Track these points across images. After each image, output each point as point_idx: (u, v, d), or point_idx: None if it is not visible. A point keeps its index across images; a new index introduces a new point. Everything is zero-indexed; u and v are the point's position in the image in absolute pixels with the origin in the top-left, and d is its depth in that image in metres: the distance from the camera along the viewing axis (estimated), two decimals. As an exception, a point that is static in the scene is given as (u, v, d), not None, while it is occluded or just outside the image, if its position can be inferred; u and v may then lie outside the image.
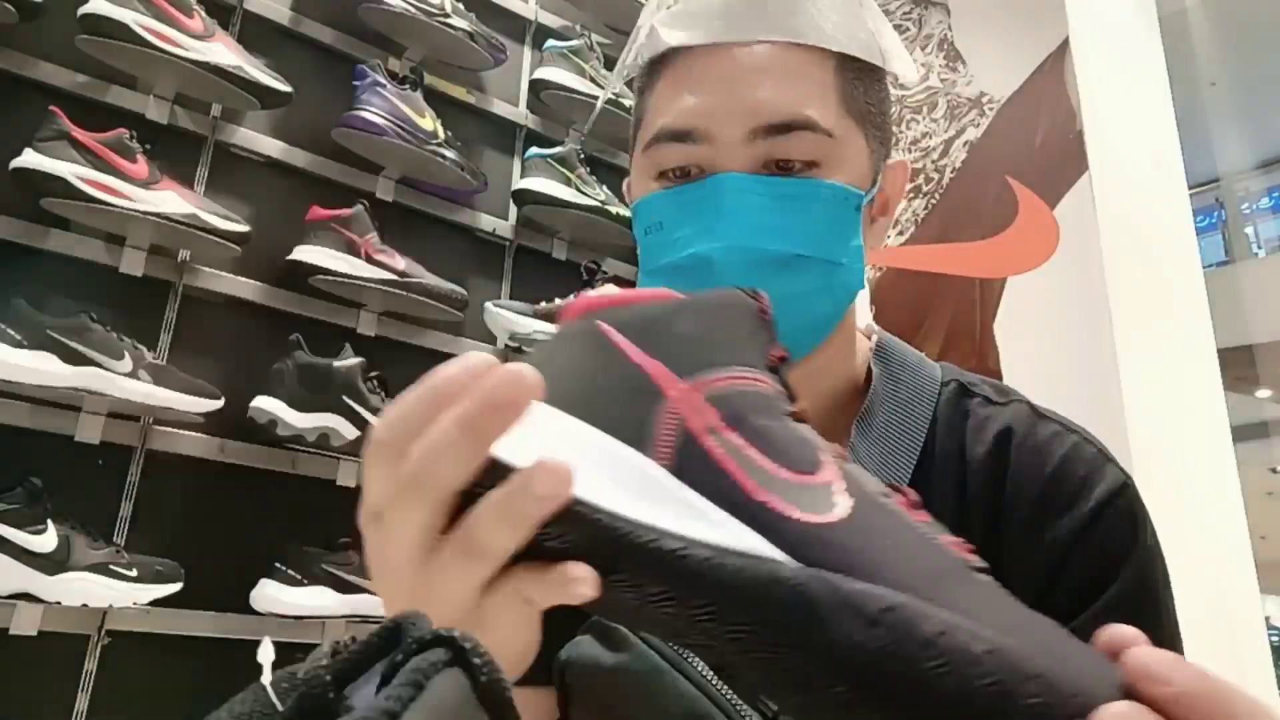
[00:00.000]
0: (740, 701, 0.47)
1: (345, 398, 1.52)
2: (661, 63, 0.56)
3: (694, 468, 0.28)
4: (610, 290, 0.35)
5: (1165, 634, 0.51)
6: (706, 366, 0.31)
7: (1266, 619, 1.60)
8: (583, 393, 0.30)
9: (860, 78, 0.55)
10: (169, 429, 1.48)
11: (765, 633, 0.26)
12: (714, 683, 0.47)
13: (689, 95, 0.53)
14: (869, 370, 0.60)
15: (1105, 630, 0.26)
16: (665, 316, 0.33)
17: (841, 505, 0.28)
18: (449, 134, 1.78)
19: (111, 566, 1.30)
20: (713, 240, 0.51)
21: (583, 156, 1.94)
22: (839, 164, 0.53)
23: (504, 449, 0.28)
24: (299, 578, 1.45)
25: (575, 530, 0.27)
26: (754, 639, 0.26)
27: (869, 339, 0.62)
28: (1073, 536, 0.51)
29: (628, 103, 2.06)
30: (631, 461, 0.29)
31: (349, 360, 1.55)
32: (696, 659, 0.48)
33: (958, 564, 0.27)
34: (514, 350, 1.85)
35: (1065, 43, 1.84)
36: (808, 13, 0.54)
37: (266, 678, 0.22)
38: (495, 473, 0.28)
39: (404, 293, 1.64)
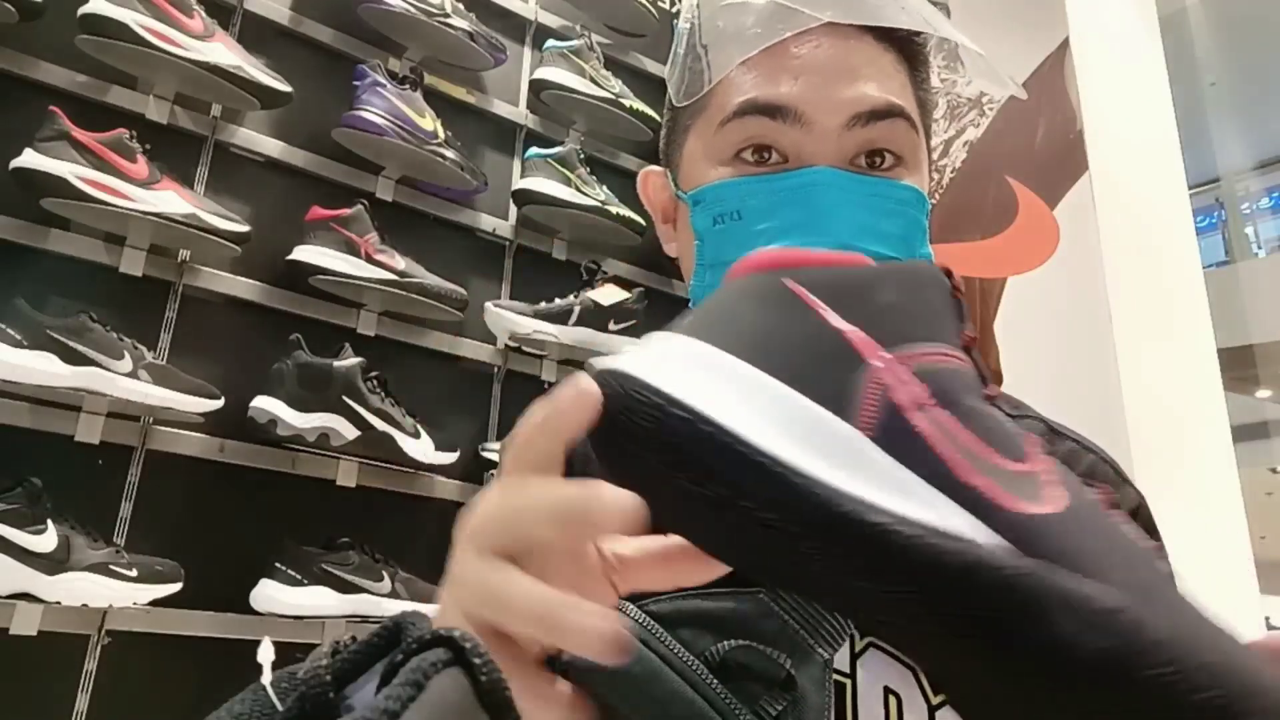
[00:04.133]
0: (739, 705, 0.47)
1: (345, 398, 1.52)
2: (737, 44, 0.54)
3: (900, 442, 0.27)
4: (794, 249, 0.33)
5: None
6: (910, 339, 0.29)
7: (1266, 619, 1.60)
8: (774, 351, 0.29)
9: (926, 91, 0.56)
10: (169, 429, 1.48)
11: (975, 622, 0.24)
12: (713, 686, 0.47)
13: (782, 78, 0.51)
14: None
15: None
16: (862, 282, 0.31)
17: (1054, 497, 0.26)
18: (449, 134, 1.78)
19: (111, 566, 1.30)
20: (812, 237, 0.49)
21: (583, 156, 1.94)
22: (916, 166, 0.53)
23: (697, 398, 0.27)
24: (299, 578, 1.45)
25: (769, 491, 0.26)
26: (962, 628, 0.25)
27: None
28: None
29: (628, 103, 2.04)
30: (833, 427, 0.27)
31: (349, 360, 1.55)
32: (697, 662, 0.48)
33: (1165, 573, 0.27)
34: (514, 350, 1.85)
35: (1065, 43, 1.84)
36: (919, 6, 0.53)
37: (266, 678, 0.22)
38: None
39: (404, 293, 1.64)
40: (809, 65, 0.51)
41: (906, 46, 0.54)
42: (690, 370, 0.28)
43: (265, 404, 1.48)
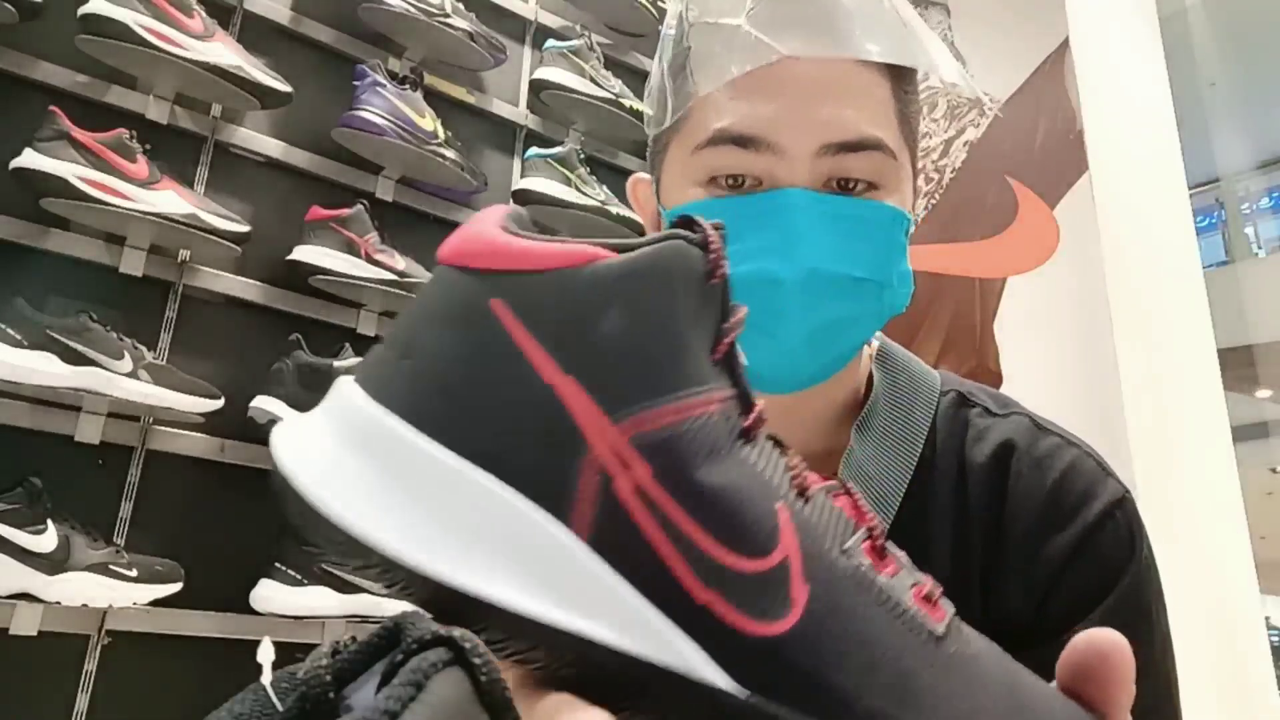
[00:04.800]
0: None
1: (345, 398, 1.52)
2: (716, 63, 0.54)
3: (619, 544, 0.22)
4: (507, 222, 0.25)
5: (1156, 648, 0.51)
6: (643, 397, 0.23)
7: (1266, 619, 1.60)
8: (477, 419, 0.23)
9: (911, 101, 0.55)
10: (169, 429, 1.48)
11: None
12: None
13: (754, 100, 0.51)
14: (869, 375, 0.60)
15: (1086, 635, 0.25)
16: (590, 303, 0.24)
17: (798, 602, 0.23)
18: (449, 134, 1.78)
19: (111, 566, 1.30)
20: (783, 259, 0.49)
21: (583, 157, 1.94)
22: (895, 186, 0.52)
23: (350, 504, 0.22)
24: (299, 578, 1.45)
25: (488, 629, 0.22)
26: None
27: (870, 345, 0.62)
28: (1071, 549, 0.51)
29: (628, 103, 2.04)
30: (544, 536, 0.22)
31: (349, 360, 1.55)
32: None
33: (929, 650, 0.24)
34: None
35: (1065, 43, 1.84)
36: (895, 30, 0.53)
37: (266, 678, 0.22)
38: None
39: (404, 293, 1.64)
40: (784, 89, 0.51)
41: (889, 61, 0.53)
42: (350, 456, 0.23)
43: (265, 404, 1.48)
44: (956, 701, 0.24)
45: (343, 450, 0.23)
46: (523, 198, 1.89)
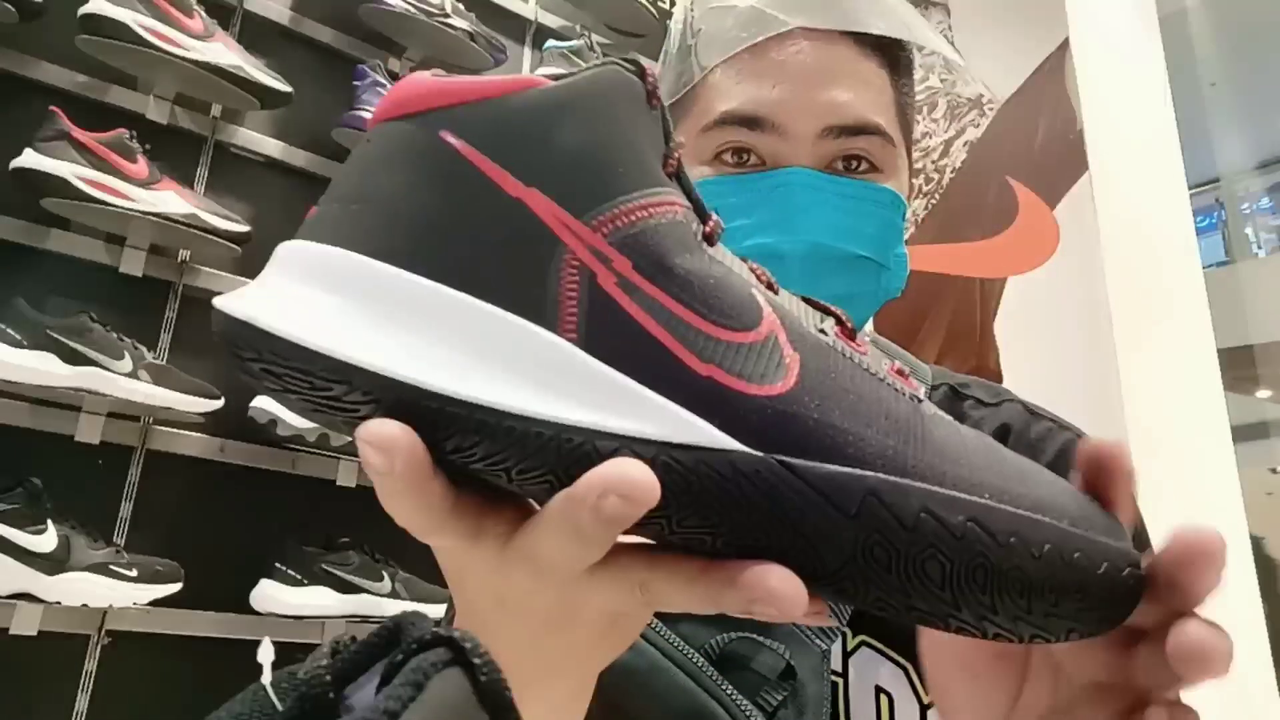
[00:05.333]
0: (740, 697, 0.47)
1: (345, 398, 1.52)
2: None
3: (611, 338, 0.23)
4: (441, 76, 0.25)
5: None
6: (607, 196, 0.24)
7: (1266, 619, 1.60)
8: (444, 242, 0.23)
9: (907, 92, 0.57)
10: (169, 429, 1.48)
11: (734, 538, 0.23)
12: (714, 678, 0.48)
13: (762, 84, 0.52)
14: None
15: (1093, 441, 0.27)
16: (539, 123, 0.24)
17: (792, 365, 0.24)
18: (449, 134, 1.78)
19: (111, 566, 1.30)
20: (785, 234, 0.51)
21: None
22: (894, 172, 0.54)
23: (323, 333, 0.21)
24: (299, 578, 1.45)
25: (486, 442, 0.22)
26: (721, 545, 0.23)
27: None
28: None
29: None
30: (533, 343, 0.22)
31: (349, 360, 1.55)
32: (698, 655, 0.48)
33: (912, 407, 0.25)
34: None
35: (1065, 43, 1.84)
36: (900, 12, 0.55)
37: (266, 678, 0.22)
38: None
39: (404, 293, 1.64)
40: (788, 72, 0.52)
41: (889, 52, 0.55)
42: (316, 293, 0.22)
43: (265, 404, 1.48)
44: (955, 444, 0.25)
45: (307, 289, 0.23)
46: (523, 198, 1.89)
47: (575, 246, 0.23)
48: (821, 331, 0.25)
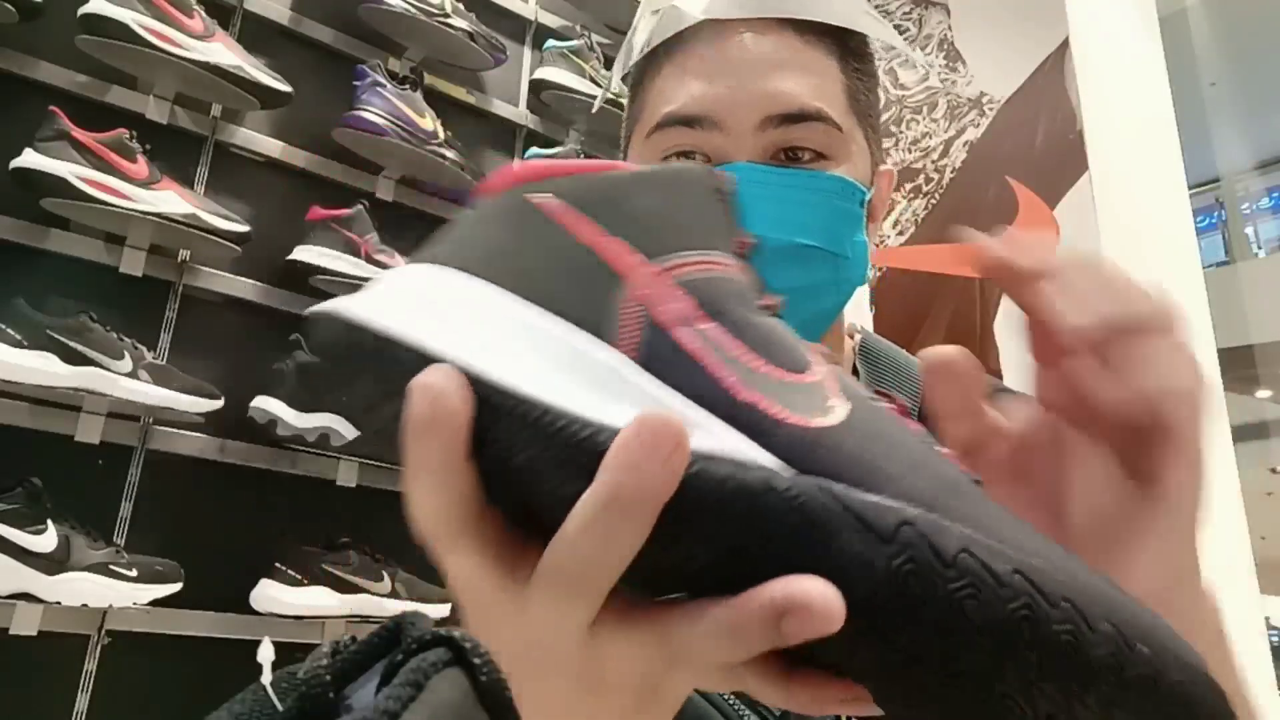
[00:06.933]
0: (740, 703, 0.47)
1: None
2: (664, 50, 0.55)
3: (665, 362, 0.24)
4: (539, 160, 0.30)
5: None
6: (673, 249, 0.26)
7: (1266, 619, 1.60)
8: (520, 273, 0.25)
9: (862, 77, 0.56)
10: (169, 429, 1.48)
11: (759, 552, 0.22)
12: None
13: (699, 81, 0.52)
14: (854, 369, 0.60)
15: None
16: (617, 190, 0.27)
17: (838, 408, 0.24)
18: (449, 134, 1.78)
19: (111, 566, 1.30)
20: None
21: (583, 157, 1.94)
22: (845, 159, 0.53)
23: (414, 329, 0.23)
24: (299, 578, 1.45)
25: (533, 442, 0.22)
26: (745, 560, 0.22)
27: (852, 338, 0.62)
28: None
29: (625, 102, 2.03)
30: (587, 350, 0.24)
31: (349, 360, 1.55)
32: None
33: (963, 478, 0.24)
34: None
35: (1065, 43, 1.84)
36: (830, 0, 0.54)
37: (266, 678, 0.22)
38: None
39: (404, 293, 1.64)
40: (727, 68, 0.52)
41: (835, 37, 0.54)
42: (413, 300, 0.25)
43: (265, 404, 1.48)
44: (1012, 520, 0.23)
45: (393, 288, 0.26)
46: (523, 198, 1.89)
47: (641, 281, 0.25)
48: (870, 396, 0.26)
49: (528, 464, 0.23)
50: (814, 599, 0.21)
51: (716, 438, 0.23)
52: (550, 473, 0.23)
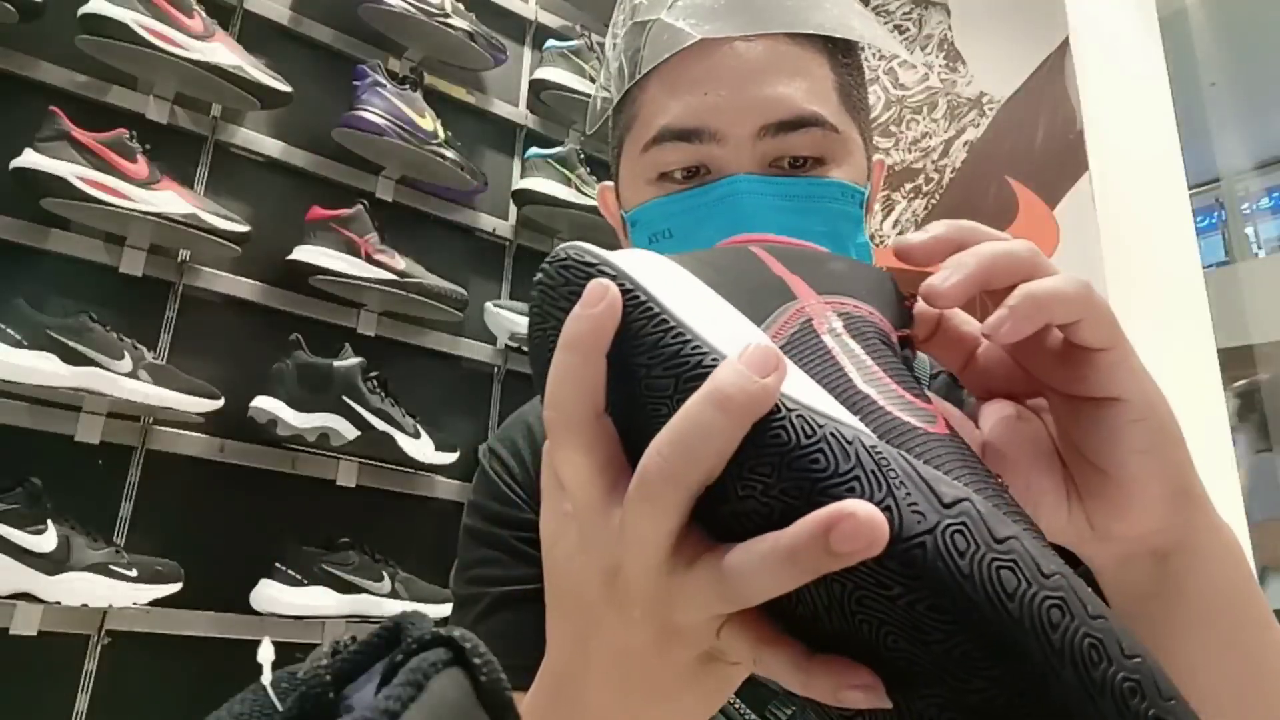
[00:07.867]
0: (748, 710, 0.47)
1: (345, 398, 1.52)
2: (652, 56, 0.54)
3: (802, 349, 0.29)
4: (768, 234, 0.37)
5: None
6: (846, 292, 0.32)
7: (1266, 619, 1.60)
8: (723, 280, 0.31)
9: (851, 71, 0.55)
10: (169, 429, 1.48)
11: (830, 497, 0.24)
12: None
13: (692, 93, 0.52)
14: None
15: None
16: (816, 255, 0.35)
17: (944, 426, 0.28)
18: (449, 134, 1.78)
19: (111, 566, 1.30)
20: None
21: (582, 156, 1.94)
22: (843, 160, 0.53)
23: (638, 275, 0.28)
24: (299, 578, 1.45)
25: (657, 351, 0.27)
26: (814, 504, 0.24)
27: None
28: None
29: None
30: (744, 324, 0.29)
31: (349, 360, 1.55)
32: None
33: (1026, 516, 0.27)
34: (514, 350, 1.85)
35: (1065, 43, 1.84)
36: (820, 5, 0.53)
37: (266, 678, 0.22)
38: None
39: (404, 293, 1.64)
40: (720, 78, 0.51)
41: (822, 35, 0.54)
42: (639, 263, 0.30)
43: (265, 404, 1.48)
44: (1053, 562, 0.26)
45: (646, 267, 0.30)
46: (523, 198, 1.89)
47: (809, 301, 0.31)
48: (977, 460, 0.30)
49: (647, 371, 0.27)
50: (860, 511, 0.22)
51: (826, 404, 0.26)
52: (662, 383, 0.26)
